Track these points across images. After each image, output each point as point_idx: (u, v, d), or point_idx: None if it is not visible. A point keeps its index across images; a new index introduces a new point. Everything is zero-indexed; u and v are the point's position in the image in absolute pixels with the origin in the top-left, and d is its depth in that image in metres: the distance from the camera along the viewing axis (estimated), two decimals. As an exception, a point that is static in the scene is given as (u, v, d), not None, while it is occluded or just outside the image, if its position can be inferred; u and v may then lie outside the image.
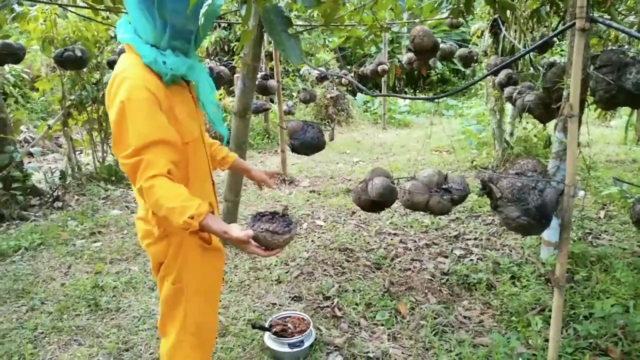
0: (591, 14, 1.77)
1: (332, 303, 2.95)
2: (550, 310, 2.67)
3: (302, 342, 2.43)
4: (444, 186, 2.29)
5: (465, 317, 2.77)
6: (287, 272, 3.38)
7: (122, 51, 5.53)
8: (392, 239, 3.91)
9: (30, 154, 6.21)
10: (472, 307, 2.86)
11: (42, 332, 2.75)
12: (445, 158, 6.71)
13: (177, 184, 1.44)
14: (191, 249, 1.66)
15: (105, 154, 6.07)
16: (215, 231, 1.45)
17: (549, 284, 2.99)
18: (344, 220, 4.43)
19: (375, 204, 2.53)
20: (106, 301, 3.04)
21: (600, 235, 3.73)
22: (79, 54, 4.68)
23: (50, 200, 5.09)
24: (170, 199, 1.39)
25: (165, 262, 1.65)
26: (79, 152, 7.01)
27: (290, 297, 3.08)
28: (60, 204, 5.03)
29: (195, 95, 1.71)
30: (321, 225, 4.30)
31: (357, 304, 2.93)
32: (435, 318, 2.75)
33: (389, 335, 2.63)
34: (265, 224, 1.53)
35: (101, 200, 5.20)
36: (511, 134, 6.36)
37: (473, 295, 3.00)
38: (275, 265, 3.49)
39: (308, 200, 5.05)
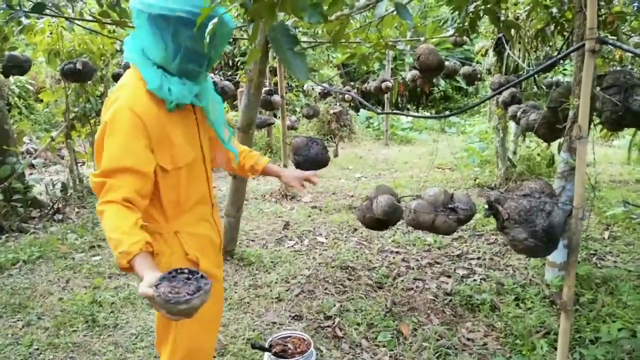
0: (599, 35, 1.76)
1: (333, 323, 2.91)
2: (555, 334, 2.63)
3: (302, 363, 2.37)
4: (450, 205, 2.26)
5: (468, 339, 2.72)
6: (287, 290, 3.33)
7: (127, 65, 5.57)
8: (394, 258, 3.86)
9: (33, 166, 6.22)
10: (475, 328, 2.81)
11: (38, 349, 2.70)
12: (448, 175, 6.69)
13: (127, 214, 1.36)
14: (178, 263, 1.56)
15: (107, 167, 6.05)
16: (137, 274, 1.28)
17: (553, 306, 2.94)
18: (346, 237, 4.39)
19: (380, 222, 2.49)
20: (104, 317, 3.00)
21: (605, 256, 3.69)
22: (79, 66, 4.68)
23: (51, 212, 5.07)
24: (112, 229, 1.33)
25: None
26: (81, 164, 7.01)
27: (290, 316, 3.03)
28: (60, 216, 5.00)
29: (199, 117, 1.67)
30: (323, 242, 4.26)
31: (358, 324, 2.88)
32: (438, 340, 2.70)
33: (390, 357, 2.58)
34: (168, 287, 1.20)
35: (102, 213, 5.17)
36: (514, 153, 6.34)
37: (476, 316, 2.95)
38: (276, 283, 3.44)
39: (310, 216, 5.01)
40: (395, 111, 11.46)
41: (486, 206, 2.08)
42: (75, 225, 4.75)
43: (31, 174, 6.42)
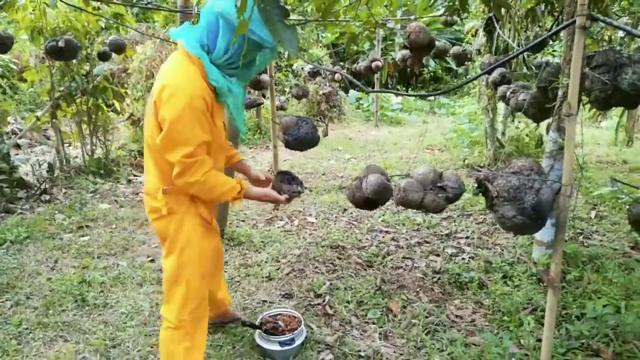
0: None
1: (324, 301, 2.93)
2: (542, 310, 2.67)
3: (292, 340, 2.39)
4: (439, 184, 2.26)
5: (457, 316, 2.76)
6: (278, 269, 3.34)
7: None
8: (384, 237, 3.89)
9: (18, 146, 6.12)
10: (464, 306, 2.85)
11: (27, 328, 2.69)
12: (438, 156, 6.71)
13: (221, 174, 1.91)
14: (192, 227, 1.93)
15: (94, 147, 5.98)
16: (254, 197, 2.07)
17: (541, 283, 2.98)
18: (336, 217, 4.40)
19: (370, 201, 2.50)
20: (93, 297, 2.99)
21: (591, 235, 3.74)
22: (61, 44, 4.56)
23: (38, 193, 5.00)
24: (222, 185, 1.87)
25: (169, 239, 1.93)
26: (67, 144, 6.91)
27: (281, 294, 3.05)
28: (47, 197, 4.94)
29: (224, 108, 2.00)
30: (313, 222, 4.27)
31: (348, 302, 2.90)
32: (427, 317, 2.73)
33: (380, 333, 2.61)
34: (292, 185, 2.18)
35: (89, 193, 5.13)
36: (503, 133, 6.36)
37: (465, 294, 2.98)
38: (266, 262, 3.45)
39: (299, 197, 5.00)
40: (385, 89, 11.41)
41: (475, 184, 2.09)
42: (63, 205, 4.70)
43: (17, 154, 6.33)
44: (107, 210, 4.61)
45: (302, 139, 3.13)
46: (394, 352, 2.45)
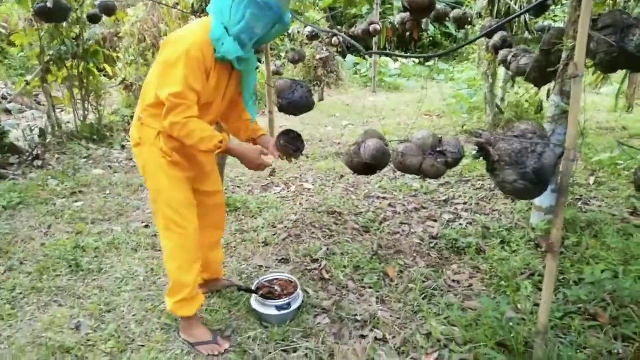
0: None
1: (320, 266, 2.91)
2: (540, 275, 2.67)
3: (289, 304, 2.38)
4: (438, 149, 2.21)
5: (454, 281, 2.75)
6: (274, 235, 3.32)
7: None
8: (380, 203, 3.86)
9: (8, 111, 6.00)
10: (461, 271, 2.84)
11: (21, 293, 2.67)
12: (436, 122, 6.63)
13: (205, 123, 1.97)
14: (156, 160, 2.04)
15: (86, 112, 5.87)
16: (235, 153, 2.10)
17: (538, 249, 2.97)
18: (333, 183, 4.36)
19: (368, 166, 2.44)
20: (87, 262, 2.96)
21: (589, 201, 3.72)
22: (50, 5, 4.40)
23: (30, 158, 4.93)
24: (202, 131, 1.92)
25: (141, 168, 2.12)
26: (60, 110, 6.79)
27: (277, 259, 3.03)
28: (40, 162, 4.87)
29: (233, 78, 2.11)
30: (309, 189, 4.23)
31: (345, 267, 2.89)
32: (424, 282, 2.72)
33: (377, 298, 2.60)
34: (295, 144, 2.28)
35: (83, 159, 5.06)
36: (502, 99, 6.27)
37: (462, 259, 2.97)
38: (263, 228, 3.42)
39: (296, 163, 4.95)
40: (383, 52, 11.19)
41: (476, 149, 2.04)
42: (55, 171, 4.63)
43: (7, 120, 6.21)
44: (100, 176, 4.55)
45: (296, 103, 3.04)
46: (391, 316, 2.44)
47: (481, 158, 2.00)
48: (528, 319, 2.32)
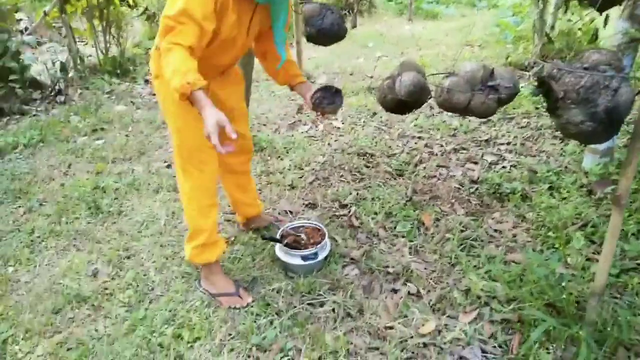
0: None
1: (349, 212, 2.71)
2: (593, 226, 2.40)
3: (316, 254, 2.21)
4: (489, 83, 1.90)
5: (496, 230, 2.52)
6: (301, 177, 3.12)
7: None
8: (416, 143, 3.57)
9: (28, 44, 5.82)
10: (503, 219, 2.59)
11: (39, 236, 2.59)
12: (478, 53, 6.13)
13: (192, 59, 1.62)
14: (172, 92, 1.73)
15: (108, 45, 5.64)
16: (199, 105, 1.60)
17: (591, 196, 2.68)
18: (364, 122, 4.07)
19: (403, 104, 2.16)
20: (107, 204, 2.85)
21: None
22: None
23: (52, 94, 4.80)
24: (180, 63, 1.58)
25: (160, 102, 1.96)
26: (83, 42, 6.57)
27: (304, 204, 2.85)
28: (62, 98, 4.74)
29: (258, 12, 1.84)
30: (339, 127, 3.96)
31: (376, 214, 2.68)
32: (462, 231, 2.49)
33: (410, 248, 2.40)
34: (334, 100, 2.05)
35: (105, 94, 4.89)
36: (552, 27, 5.70)
37: (505, 206, 2.71)
38: (289, 170, 3.22)
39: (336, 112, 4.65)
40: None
41: (535, 82, 1.73)
42: (78, 107, 4.49)
43: (33, 53, 6.03)
44: (123, 112, 4.39)
45: (326, 31, 2.73)
46: (425, 268, 2.25)
47: (540, 95, 1.70)
48: (579, 274, 2.10)
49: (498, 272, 2.15)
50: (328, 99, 2.04)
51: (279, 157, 3.44)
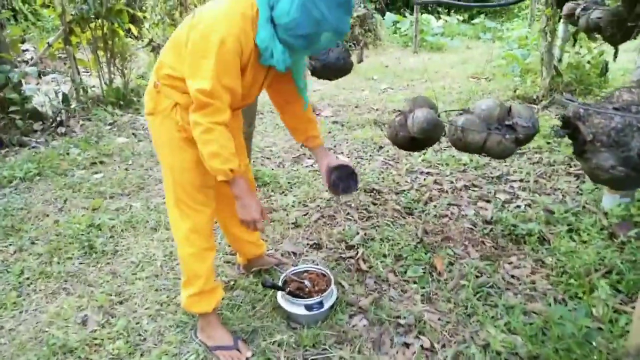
0: None
1: (357, 254, 2.56)
2: (618, 273, 2.24)
3: (321, 303, 2.05)
4: (507, 122, 1.79)
5: (512, 276, 2.35)
6: (305, 215, 2.98)
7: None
8: (425, 179, 3.44)
9: (39, 75, 5.79)
10: (521, 264, 2.43)
11: (29, 278, 2.44)
12: (484, 86, 6.06)
13: (230, 138, 1.64)
14: (169, 131, 1.77)
15: (112, 76, 5.60)
16: (239, 192, 1.72)
17: (613, 239, 2.53)
18: (370, 156, 3.95)
19: (416, 141, 2.05)
20: (102, 243, 2.71)
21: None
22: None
23: (54, 125, 4.72)
24: (223, 147, 1.60)
25: (153, 139, 1.87)
26: (88, 73, 6.55)
27: (308, 244, 2.70)
28: (63, 129, 4.65)
29: (272, 69, 1.76)
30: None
31: (385, 256, 2.53)
32: (477, 277, 2.34)
33: (422, 295, 2.24)
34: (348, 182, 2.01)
35: (107, 126, 4.81)
36: (559, 60, 5.63)
37: (522, 249, 2.56)
38: (293, 206, 3.09)
39: (330, 132, 4.56)
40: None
41: (560, 123, 1.61)
42: (78, 139, 4.40)
43: (38, 83, 6.00)
44: (124, 144, 4.30)
45: (331, 65, 2.66)
46: (439, 319, 2.09)
47: (567, 136, 1.57)
48: (606, 328, 1.93)
49: (518, 324, 1.99)
50: (344, 180, 2.00)
51: (283, 192, 3.31)
